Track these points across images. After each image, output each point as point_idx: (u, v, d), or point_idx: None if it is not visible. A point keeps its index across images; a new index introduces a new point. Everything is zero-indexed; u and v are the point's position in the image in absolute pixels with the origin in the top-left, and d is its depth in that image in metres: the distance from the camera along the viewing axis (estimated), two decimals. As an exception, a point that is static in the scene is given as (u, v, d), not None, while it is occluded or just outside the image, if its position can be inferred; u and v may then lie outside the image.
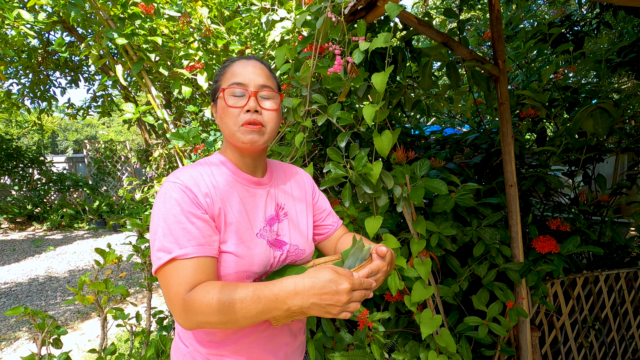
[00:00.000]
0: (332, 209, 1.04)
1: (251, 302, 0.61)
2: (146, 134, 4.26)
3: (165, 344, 1.65)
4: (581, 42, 2.63)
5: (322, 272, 0.60)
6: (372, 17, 1.40)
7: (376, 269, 0.70)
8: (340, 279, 0.59)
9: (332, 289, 0.58)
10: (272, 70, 0.86)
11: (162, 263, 0.68)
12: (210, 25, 2.49)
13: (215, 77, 0.85)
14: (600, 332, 2.00)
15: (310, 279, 0.60)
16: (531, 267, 1.63)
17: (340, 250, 0.94)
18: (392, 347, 1.64)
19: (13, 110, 4.77)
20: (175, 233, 0.69)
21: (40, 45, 4.31)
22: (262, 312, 0.62)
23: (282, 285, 0.61)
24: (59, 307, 3.62)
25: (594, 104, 1.66)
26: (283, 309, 0.60)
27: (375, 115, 1.16)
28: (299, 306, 0.60)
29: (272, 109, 0.80)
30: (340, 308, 0.60)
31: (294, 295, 0.60)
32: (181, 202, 0.71)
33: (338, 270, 0.61)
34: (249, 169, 0.85)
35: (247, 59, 0.82)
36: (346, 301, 0.59)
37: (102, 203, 8.05)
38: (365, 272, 0.67)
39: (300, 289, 0.59)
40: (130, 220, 1.72)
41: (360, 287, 0.62)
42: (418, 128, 2.45)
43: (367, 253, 0.73)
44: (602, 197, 2.10)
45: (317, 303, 0.59)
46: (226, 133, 0.81)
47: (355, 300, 0.61)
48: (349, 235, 0.99)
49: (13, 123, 11.13)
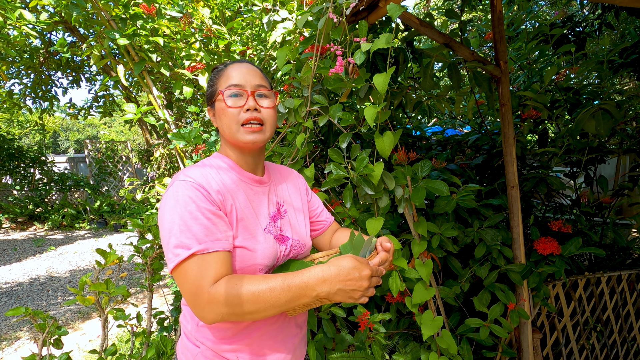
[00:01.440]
0: (324, 206, 1.10)
1: (281, 290, 0.66)
2: (147, 134, 4.26)
3: (166, 344, 1.65)
4: (583, 43, 2.63)
5: (345, 260, 0.67)
6: (374, 18, 1.40)
7: (385, 258, 0.78)
8: (362, 267, 0.66)
9: (356, 276, 0.65)
10: (264, 72, 0.90)
11: (181, 259, 0.69)
12: (211, 26, 2.49)
13: (209, 82, 0.88)
14: (601, 334, 2.00)
15: (335, 267, 0.66)
16: (533, 268, 1.63)
17: (336, 245, 1.01)
18: (393, 349, 1.64)
19: (15, 110, 4.76)
20: (193, 229, 0.70)
21: (42, 46, 4.32)
22: (291, 300, 0.66)
23: (310, 274, 0.66)
24: (59, 307, 3.63)
25: (595, 105, 1.65)
26: (312, 295, 0.66)
27: (377, 116, 1.16)
28: (327, 292, 0.65)
29: (269, 107, 0.84)
30: (362, 292, 0.66)
31: (322, 282, 0.65)
32: (196, 199, 0.72)
33: (358, 259, 0.68)
34: (250, 167, 0.88)
35: (240, 62, 0.86)
36: (367, 286, 0.66)
37: (103, 203, 8.06)
38: (377, 261, 0.75)
39: (328, 276, 0.65)
40: (132, 220, 1.73)
41: (376, 274, 0.69)
42: (419, 129, 2.44)
43: (373, 245, 0.81)
44: (603, 198, 2.09)
45: (343, 289, 0.65)
46: (227, 134, 0.83)
47: (372, 286, 0.68)
48: (342, 230, 1.07)
49: (15, 123, 11.15)
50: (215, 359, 0.82)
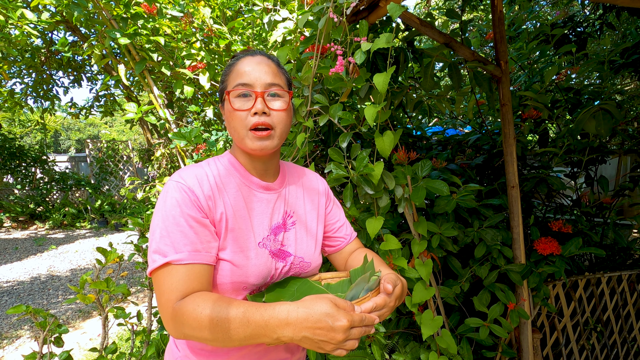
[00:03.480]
0: (346, 220, 0.98)
1: (240, 324, 0.57)
2: (148, 134, 4.27)
3: (166, 343, 1.65)
4: (584, 43, 2.62)
5: (319, 303, 0.55)
6: (374, 18, 1.40)
7: (382, 303, 0.63)
8: (339, 315, 0.54)
9: (327, 325, 0.53)
10: (280, 65, 0.80)
11: (156, 266, 0.66)
12: (212, 26, 2.49)
13: (221, 77, 0.81)
14: (602, 334, 1.99)
15: (304, 309, 0.55)
16: (533, 268, 1.63)
17: (351, 267, 0.87)
18: (392, 348, 1.64)
19: (16, 110, 4.79)
20: (173, 236, 0.66)
21: (44, 45, 4.32)
22: (250, 337, 0.57)
23: (273, 312, 0.56)
24: (60, 306, 3.63)
25: (596, 106, 1.65)
26: (272, 337, 0.56)
27: (377, 115, 1.16)
28: (290, 337, 0.55)
29: (281, 109, 0.75)
30: (335, 346, 0.55)
31: (285, 325, 0.55)
32: (182, 203, 0.68)
33: (338, 303, 0.56)
34: (259, 172, 0.81)
35: (253, 55, 0.77)
36: (342, 339, 0.54)
37: (104, 202, 8.07)
38: (369, 307, 0.60)
39: (293, 319, 0.54)
40: (132, 219, 1.73)
41: (361, 324, 0.56)
42: (420, 129, 2.44)
43: (374, 283, 0.65)
44: (604, 198, 2.09)
45: (309, 337, 0.54)
46: (235, 137, 0.77)
47: (352, 338, 0.56)
48: (363, 250, 0.92)
49: (16, 122, 11.17)
50: None
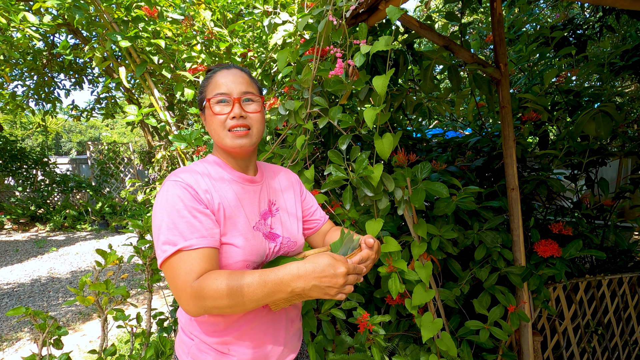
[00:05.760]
0: (318, 205, 1.12)
1: (258, 286, 0.68)
2: (149, 136, 4.27)
3: (165, 345, 1.65)
4: (584, 45, 2.63)
5: (321, 257, 0.68)
6: (374, 21, 1.41)
7: (366, 256, 0.77)
8: (338, 264, 0.67)
9: (330, 272, 0.66)
10: (252, 76, 0.93)
11: (167, 255, 0.73)
12: (213, 28, 2.50)
13: (200, 89, 0.92)
14: (603, 337, 1.99)
15: (311, 264, 0.67)
16: (533, 271, 1.62)
17: (329, 243, 1.01)
18: (392, 351, 1.63)
19: (18, 112, 4.79)
20: (180, 227, 0.74)
21: (45, 48, 4.34)
22: (267, 295, 0.68)
23: (286, 270, 0.67)
24: (60, 308, 3.63)
25: (596, 108, 1.65)
26: (287, 291, 0.67)
27: (377, 118, 1.17)
28: (302, 288, 0.67)
29: (255, 112, 0.88)
30: (337, 290, 0.68)
31: (297, 278, 0.66)
32: (183, 198, 0.76)
33: (335, 256, 0.69)
34: (242, 168, 0.92)
35: (228, 69, 0.89)
36: (342, 283, 0.67)
37: (105, 204, 8.08)
38: (357, 259, 0.75)
39: (303, 272, 0.67)
40: (132, 221, 1.73)
41: (354, 272, 0.70)
42: (420, 131, 2.45)
43: (356, 243, 0.82)
44: (605, 201, 2.09)
45: (317, 285, 0.67)
46: (216, 139, 0.88)
47: (349, 283, 0.69)
48: (336, 229, 1.09)
49: (18, 124, 11.20)
50: (208, 351, 0.86)
